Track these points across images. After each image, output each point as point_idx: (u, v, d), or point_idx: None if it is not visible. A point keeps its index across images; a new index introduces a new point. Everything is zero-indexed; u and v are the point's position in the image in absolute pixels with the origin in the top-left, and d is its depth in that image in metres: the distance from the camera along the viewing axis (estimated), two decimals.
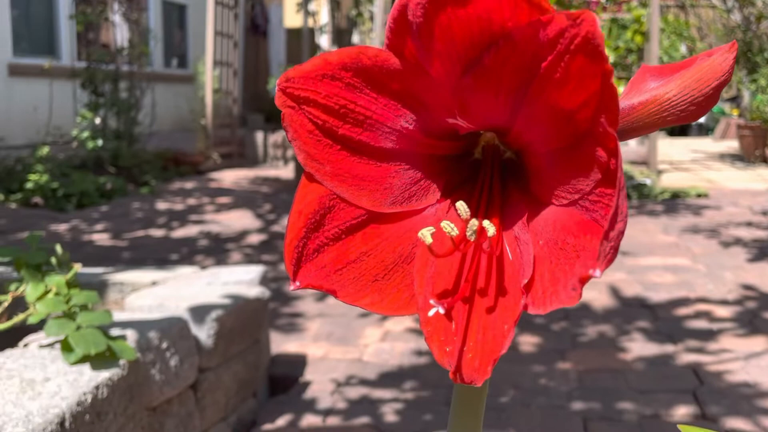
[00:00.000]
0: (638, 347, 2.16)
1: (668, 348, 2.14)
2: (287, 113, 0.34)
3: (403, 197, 0.36)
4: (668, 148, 7.79)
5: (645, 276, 2.87)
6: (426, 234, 0.33)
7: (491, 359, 0.31)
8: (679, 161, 6.73)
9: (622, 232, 0.29)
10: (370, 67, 0.33)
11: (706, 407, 1.75)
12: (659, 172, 5.46)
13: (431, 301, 0.33)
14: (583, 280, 0.29)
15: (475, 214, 0.34)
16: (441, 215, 0.36)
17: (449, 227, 0.33)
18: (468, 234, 0.33)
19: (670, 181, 5.32)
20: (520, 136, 0.34)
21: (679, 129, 9.46)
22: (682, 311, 2.47)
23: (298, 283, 0.34)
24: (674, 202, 4.57)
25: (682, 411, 1.75)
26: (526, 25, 0.29)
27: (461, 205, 0.34)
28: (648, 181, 4.87)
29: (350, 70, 0.33)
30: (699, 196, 4.70)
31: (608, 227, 0.28)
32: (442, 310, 0.33)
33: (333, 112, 0.33)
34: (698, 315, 2.42)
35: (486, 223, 0.33)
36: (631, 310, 2.49)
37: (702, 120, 9.39)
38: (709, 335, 2.24)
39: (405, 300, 0.34)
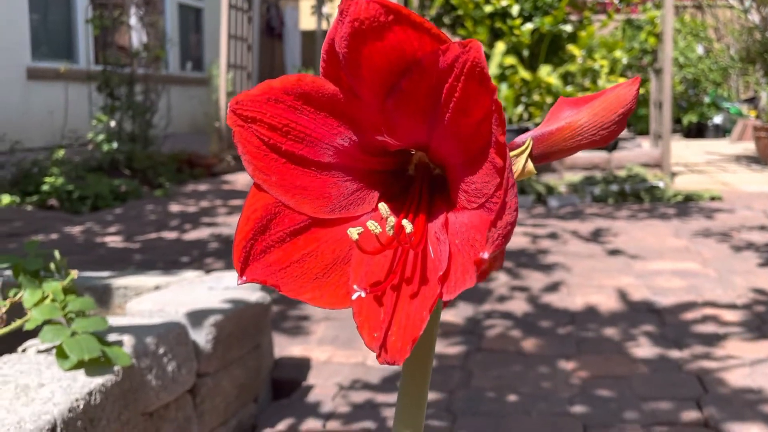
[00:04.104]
0: (643, 352, 2.14)
1: (674, 353, 2.13)
2: (237, 131, 0.38)
3: (342, 205, 0.40)
4: (683, 150, 7.72)
5: (653, 280, 2.85)
6: (353, 232, 0.38)
7: (410, 341, 0.36)
8: (694, 163, 6.67)
9: (510, 223, 0.34)
10: (308, 91, 0.38)
11: (709, 414, 1.73)
12: (673, 175, 5.42)
13: (354, 287, 0.38)
14: (477, 263, 0.34)
15: (405, 217, 0.39)
16: (375, 220, 0.40)
17: (373, 225, 0.38)
18: (387, 229, 0.38)
19: (684, 183, 5.27)
20: (437, 151, 0.38)
21: (696, 130, 9.36)
22: (690, 316, 2.44)
23: (244, 278, 0.39)
24: (687, 205, 4.52)
25: (685, 418, 1.73)
26: (430, 53, 0.34)
27: (382, 206, 0.39)
28: (661, 184, 4.83)
29: (291, 94, 0.38)
30: (713, 199, 4.65)
31: (495, 217, 0.34)
32: (363, 294, 0.37)
33: (277, 130, 0.38)
34: (706, 320, 2.40)
35: (405, 221, 0.38)
36: (638, 315, 2.47)
37: (719, 121, 9.29)
38: (715, 341, 2.22)
39: (342, 296, 0.39)
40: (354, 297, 0.37)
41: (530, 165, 0.42)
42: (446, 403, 1.85)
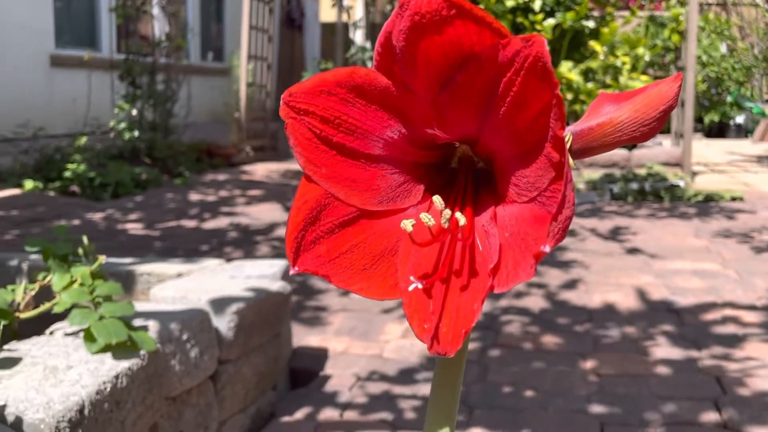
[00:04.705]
0: (662, 352, 2.14)
1: (692, 354, 2.12)
2: (289, 123, 0.39)
3: (389, 197, 0.41)
4: (704, 149, 7.64)
5: (672, 280, 2.83)
6: (407, 224, 0.39)
7: (462, 332, 0.36)
8: (715, 163, 6.60)
9: (569, 218, 0.34)
10: (360, 84, 0.38)
11: (728, 416, 1.72)
12: (693, 174, 5.37)
13: (411, 278, 0.38)
14: (537, 257, 0.34)
15: (451, 210, 0.40)
16: (422, 212, 0.41)
17: (426, 218, 0.39)
18: (442, 222, 0.38)
19: (705, 183, 5.23)
20: (488, 144, 0.39)
21: (717, 130, 9.26)
22: (709, 317, 2.43)
23: (296, 268, 0.39)
24: (707, 205, 4.49)
25: (703, 419, 1.73)
26: (489, 47, 0.34)
27: (437, 199, 0.39)
28: (681, 183, 4.79)
29: (344, 87, 0.38)
30: (734, 199, 4.60)
31: (557, 211, 0.34)
32: (420, 286, 0.38)
33: (329, 122, 0.39)
34: (725, 321, 2.39)
35: (458, 214, 0.38)
36: (657, 314, 2.46)
37: (741, 121, 9.18)
38: (734, 342, 2.20)
39: (389, 287, 0.40)
40: (410, 288, 0.38)
41: (570, 160, 0.42)
42: (462, 396, 1.86)
